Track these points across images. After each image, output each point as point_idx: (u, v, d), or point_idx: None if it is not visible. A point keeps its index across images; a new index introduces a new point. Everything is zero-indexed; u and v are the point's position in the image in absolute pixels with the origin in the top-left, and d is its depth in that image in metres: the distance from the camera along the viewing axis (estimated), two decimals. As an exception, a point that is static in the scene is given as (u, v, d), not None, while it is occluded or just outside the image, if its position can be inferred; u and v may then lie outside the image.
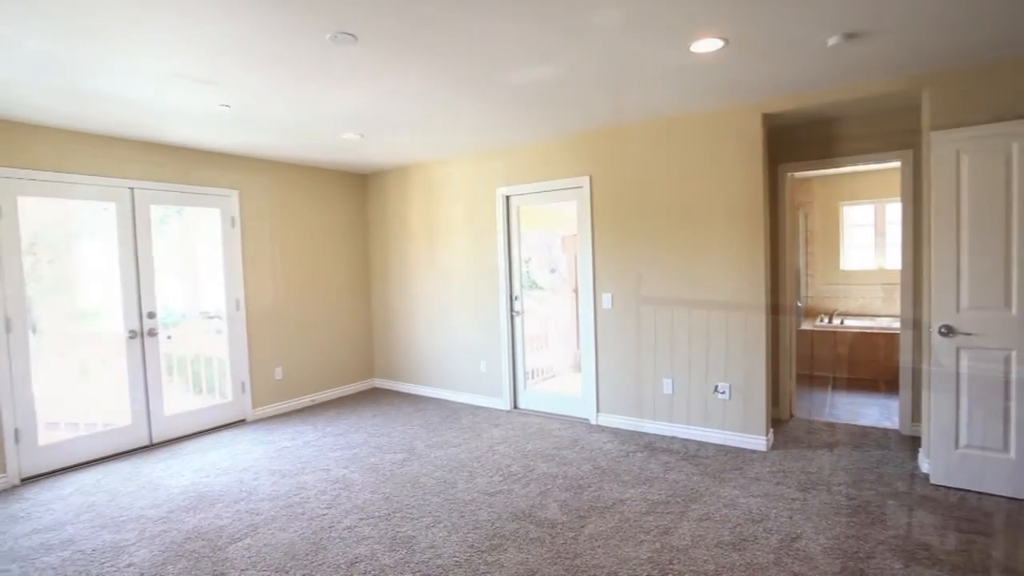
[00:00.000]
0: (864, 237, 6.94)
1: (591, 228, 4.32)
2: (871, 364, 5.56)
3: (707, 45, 2.58)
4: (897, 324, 5.84)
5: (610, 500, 3.00)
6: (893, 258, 6.72)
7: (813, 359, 5.87)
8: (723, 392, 3.80)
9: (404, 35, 2.37)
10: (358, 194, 5.85)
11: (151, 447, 4.17)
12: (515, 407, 4.93)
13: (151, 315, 4.20)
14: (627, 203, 4.14)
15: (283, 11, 2.13)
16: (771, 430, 3.81)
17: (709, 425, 3.88)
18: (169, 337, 4.35)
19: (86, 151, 3.84)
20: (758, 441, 3.67)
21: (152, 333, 4.20)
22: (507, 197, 4.83)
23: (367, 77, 2.89)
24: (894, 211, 6.68)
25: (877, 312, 6.77)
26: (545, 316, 5.71)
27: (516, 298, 4.88)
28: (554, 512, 2.88)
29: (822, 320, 6.48)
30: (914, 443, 3.68)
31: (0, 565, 2.54)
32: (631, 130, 4.08)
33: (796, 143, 4.16)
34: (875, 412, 4.44)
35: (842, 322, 6.32)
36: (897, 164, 4.52)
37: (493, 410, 4.90)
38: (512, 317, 4.89)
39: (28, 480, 3.57)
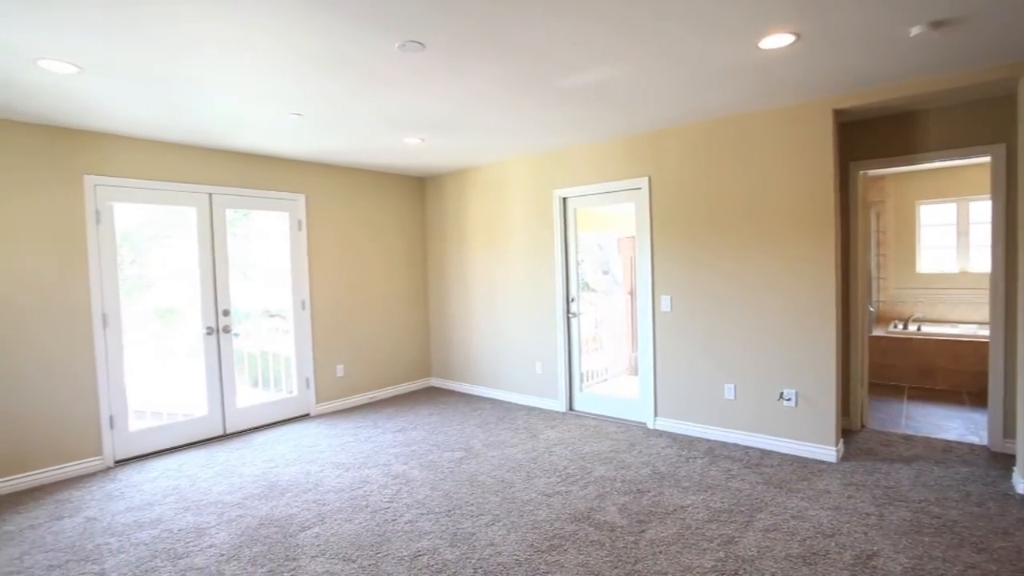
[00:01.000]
0: (944, 238, 6.49)
1: (650, 229, 4.25)
2: (954, 374, 5.20)
3: (777, 41, 2.50)
4: (984, 331, 5.44)
5: (670, 506, 2.95)
6: (979, 260, 6.25)
7: (886, 367, 5.55)
8: (789, 399, 3.65)
9: (470, 40, 2.43)
10: (417, 197, 6.00)
11: (225, 437, 4.42)
12: (570, 409, 4.92)
13: (226, 313, 4.47)
14: (688, 204, 4.06)
15: (355, 25, 2.22)
16: (841, 440, 3.63)
17: (773, 433, 3.74)
18: (236, 335, 4.60)
19: (171, 160, 4.13)
20: (827, 452, 3.51)
21: (227, 330, 4.47)
22: (564, 199, 4.83)
23: (432, 83, 2.96)
24: (979, 209, 6.21)
25: (960, 319, 6.32)
26: (598, 318, 5.67)
27: (573, 300, 4.87)
28: (613, 515, 2.86)
29: (896, 326, 6.11)
30: (1007, 461, 3.41)
31: (101, 539, 2.77)
32: (692, 129, 4.00)
33: (869, 139, 3.95)
34: (959, 426, 4.14)
35: (919, 328, 5.94)
36: (986, 159, 4.21)
37: (548, 411, 4.90)
38: (568, 319, 4.88)
39: (120, 462, 3.87)
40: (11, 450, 3.42)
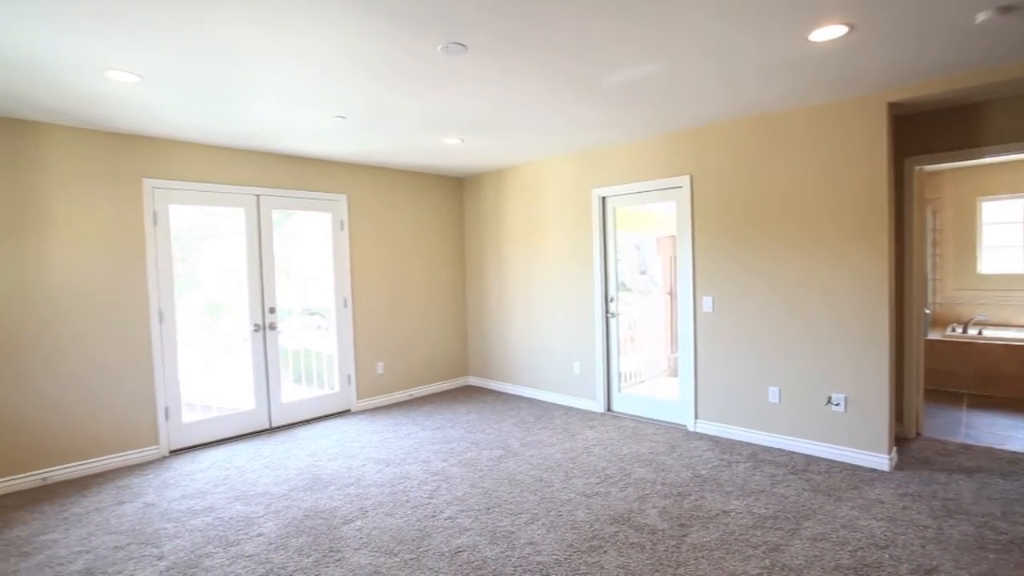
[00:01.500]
0: (1009, 236, 6.12)
1: (691, 228, 4.17)
2: (1021, 381, 4.90)
3: (829, 32, 2.41)
4: (1051, 336, 5.11)
5: (713, 510, 2.89)
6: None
7: (943, 373, 5.28)
8: (837, 404, 3.52)
9: (512, 41, 2.44)
10: (455, 197, 6.06)
11: (270, 430, 4.57)
12: (608, 409, 4.87)
13: (272, 310, 4.62)
14: (731, 203, 3.96)
15: (399, 28, 2.26)
16: (894, 448, 3.48)
17: (821, 439, 3.61)
18: (279, 332, 4.74)
19: (221, 162, 4.30)
20: (879, 460, 3.36)
21: (272, 327, 4.62)
22: (603, 198, 4.80)
23: (473, 83, 2.99)
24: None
25: (1024, 322, 5.95)
26: (634, 319, 5.60)
27: (611, 299, 4.82)
28: (654, 518, 2.82)
29: (954, 330, 5.81)
30: (1077, 473, 3.20)
31: (159, 523, 2.91)
32: (737, 126, 3.90)
33: (926, 133, 3.77)
34: (1024, 435, 3.91)
35: (980, 332, 5.63)
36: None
37: (586, 411, 4.87)
38: (607, 319, 4.84)
39: (175, 452, 4.06)
40: (78, 438, 3.63)
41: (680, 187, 4.23)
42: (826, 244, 3.53)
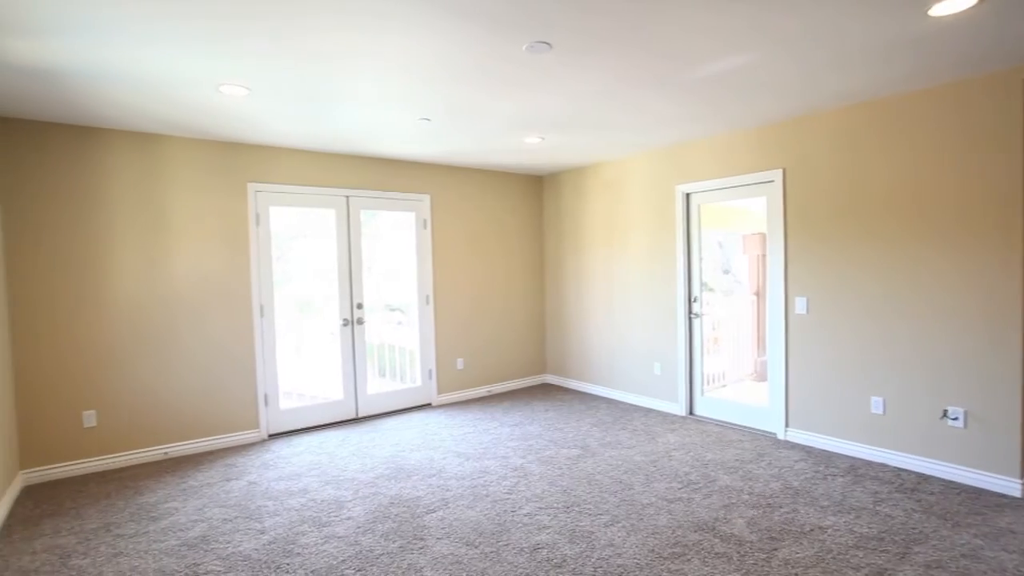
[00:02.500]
0: None
1: (783, 225, 3.93)
2: None
3: (953, 5, 2.18)
4: None
5: (806, 525, 2.71)
6: None
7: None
8: (955, 418, 3.18)
9: (598, 37, 2.40)
10: (535, 195, 6.09)
11: (357, 420, 4.82)
12: (691, 413, 4.70)
13: (359, 306, 4.86)
14: (829, 196, 3.69)
15: (487, 29, 2.30)
16: (1026, 470, 3.09)
17: (934, 456, 3.28)
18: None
19: (315, 166, 4.58)
20: (1008, 484, 3.00)
21: (360, 322, 4.86)
22: (687, 194, 4.63)
23: (556, 81, 2.98)
24: None
25: None
26: (717, 320, 5.36)
27: (695, 299, 4.65)
28: (740, 528, 2.69)
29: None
30: None
31: (261, 501, 3.15)
32: (835, 115, 3.62)
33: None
34: None
35: None
36: None
37: (667, 414, 4.73)
38: (690, 319, 4.67)
39: (272, 436, 4.38)
40: (192, 419, 4.02)
41: (772, 181, 4.00)
42: (944, 241, 3.20)
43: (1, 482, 3.03)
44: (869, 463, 3.48)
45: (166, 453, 3.92)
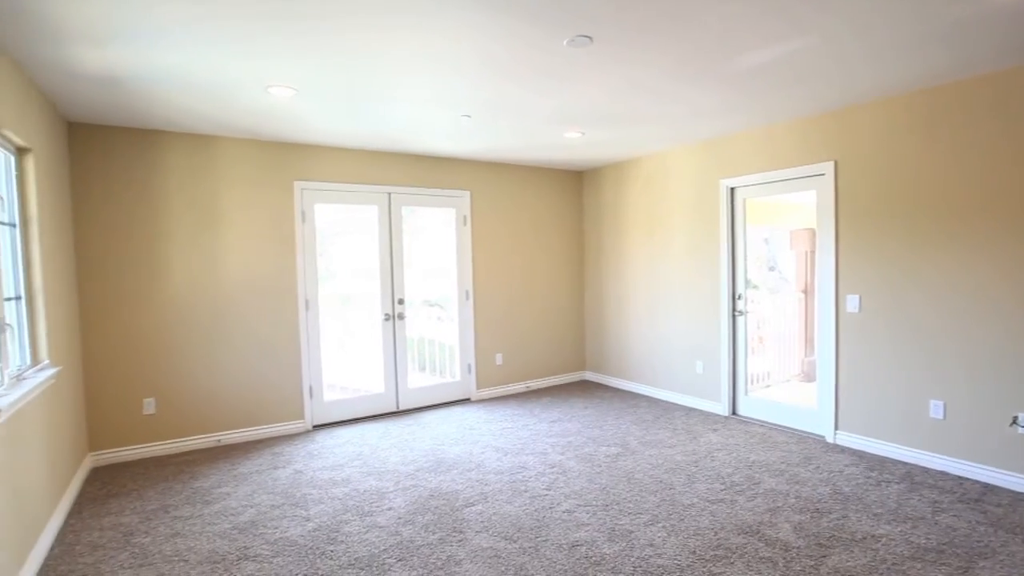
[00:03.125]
0: None
1: (834, 220, 3.77)
2: None
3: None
4: None
5: (858, 533, 2.60)
6: None
7: None
8: (1024, 425, 2.99)
9: (639, 29, 2.36)
10: (574, 191, 6.04)
11: (397, 413, 4.91)
12: (734, 413, 4.58)
13: (400, 301, 4.95)
14: (885, 189, 3.51)
15: (528, 23, 2.29)
16: (1105, 483, 2.87)
17: (1001, 465, 3.09)
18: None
19: (358, 164, 4.68)
20: (1083, 494, 2.80)
21: (401, 316, 4.95)
22: (732, 189, 4.50)
23: (596, 74, 2.95)
24: None
25: None
26: (763, 318, 5.20)
27: (739, 297, 4.52)
28: (787, 533, 2.60)
29: None
30: None
31: (306, 489, 3.26)
32: (892, 103, 3.44)
33: None
34: None
35: None
36: None
37: (709, 414, 4.63)
38: (734, 317, 4.54)
39: (317, 427, 4.52)
40: (242, 409, 4.19)
41: (822, 175, 3.84)
42: (1009, 239, 3.00)
43: (72, 463, 3.24)
44: (927, 470, 3.31)
45: (218, 440, 4.10)
